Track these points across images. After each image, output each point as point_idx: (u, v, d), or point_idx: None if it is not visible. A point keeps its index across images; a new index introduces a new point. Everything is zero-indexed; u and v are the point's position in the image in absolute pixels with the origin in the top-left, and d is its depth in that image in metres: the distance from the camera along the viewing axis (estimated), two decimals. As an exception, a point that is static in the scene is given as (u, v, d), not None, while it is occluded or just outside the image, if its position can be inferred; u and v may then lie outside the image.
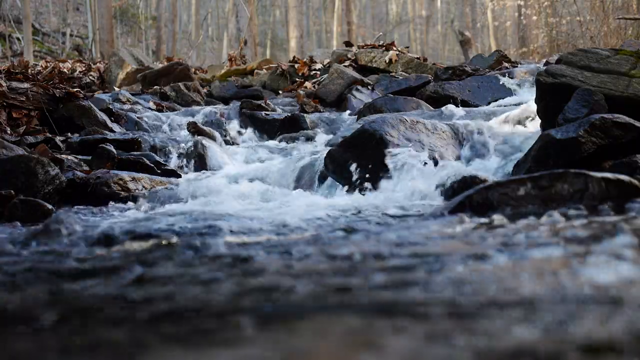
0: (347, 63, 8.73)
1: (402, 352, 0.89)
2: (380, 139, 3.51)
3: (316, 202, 3.19)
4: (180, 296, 1.31)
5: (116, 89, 8.61)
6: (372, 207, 2.76)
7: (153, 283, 1.45)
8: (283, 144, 5.28)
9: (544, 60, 8.78)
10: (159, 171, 4.03)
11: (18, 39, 19.16)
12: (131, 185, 3.50)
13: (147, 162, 4.04)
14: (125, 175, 3.55)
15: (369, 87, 7.44)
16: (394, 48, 9.06)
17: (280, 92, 8.26)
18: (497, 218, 2.09)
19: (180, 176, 4.16)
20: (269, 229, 2.24)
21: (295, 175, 4.00)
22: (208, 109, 6.64)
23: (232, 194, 3.46)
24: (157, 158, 4.34)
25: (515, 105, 5.10)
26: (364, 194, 3.33)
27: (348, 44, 10.38)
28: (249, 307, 1.19)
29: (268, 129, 5.83)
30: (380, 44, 9.36)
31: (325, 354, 0.91)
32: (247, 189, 3.75)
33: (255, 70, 9.27)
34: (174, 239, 2.04)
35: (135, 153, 4.32)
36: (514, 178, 2.38)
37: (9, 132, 4.93)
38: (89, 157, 4.19)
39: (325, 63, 8.92)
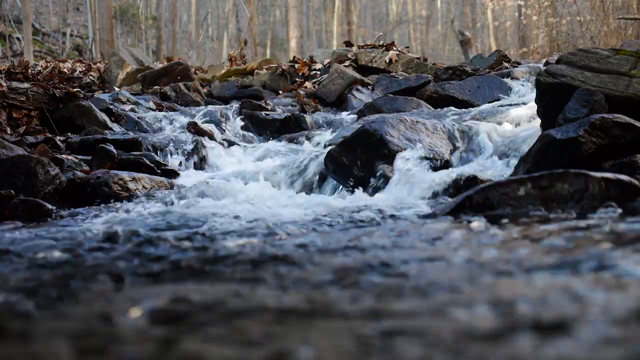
0: (347, 63, 8.73)
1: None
2: (380, 139, 3.51)
3: (316, 202, 3.19)
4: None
5: (116, 89, 8.61)
6: (372, 207, 2.76)
7: (158, 282, 1.45)
8: (283, 144, 5.28)
9: (544, 60, 8.77)
10: (159, 171, 4.03)
11: (18, 39, 19.15)
12: (131, 185, 3.50)
13: (147, 162, 4.04)
14: (126, 175, 3.55)
15: (369, 87, 7.43)
16: (394, 48, 9.06)
17: (280, 92, 8.26)
18: (497, 218, 2.09)
19: (180, 176, 4.16)
20: (265, 228, 2.24)
21: (295, 175, 4.00)
22: (208, 109, 6.64)
23: (231, 193, 3.46)
24: (157, 158, 4.34)
25: (515, 105, 5.09)
26: (364, 194, 3.33)
27: (348, 44, 10.38)
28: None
29: (268, 129, 5.83)
30: (380, 44, 9.35)
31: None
32: (247, 188, 3.75)
33: (256, 70, 9.27)
34: (175, 238, 2.04)
35: (135, 153, 4.32)
36: (514, 178, 2.38)
37: (9, 132, 4.93)
38: (89, 157, 4.19)
39: (325, 63, 8.91)
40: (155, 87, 8.04)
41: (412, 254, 1.63)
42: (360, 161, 3.50)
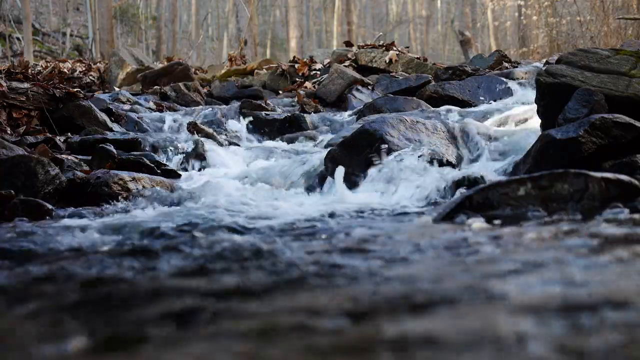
0: (347, 63, 8.73)
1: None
2: (380, 139, 3.51)
3: (315, 202, 3.19)
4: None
5: (116, 89, 8.61)
6: (371, 208, 2.76)
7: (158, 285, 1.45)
8: (283, 144, 5.28)
9: (544, 60, 8.78)
10: (159, 171, 4.03)
11: (18, 39, 19.15)
12: (131, 185, 3.49)
13: (147, 162, 4.04)
14: (126, 175, 3.55)
15: (369, 87, 7.44)
16: (394, 48, 9.06)
17: (280, 92, 8.26)
18: (497, 218, 2.09)
19: (180, 176, 4.16)
20: (263, 228, 2.24)
21: (295, 175, 4.00)
22: (208, 109, 6.64)
23: (231, 194, 3.46)
24: (157, 158, 4.34)
25: (515, 105, 5.10)
26: (363, 195, 3.33)
27: (348, 44, 10.38)
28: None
29: (268, 129, 5.83)
30: (380, 44, 9.36)
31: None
32: (247, 189, 3.75)
33: (256, 70, 9.27)
34: (175, 238, 2.04)
35: (135, 153, 4.32)
36: (514, 178, 2.38)
37: (9, 132, 4.93)
38: (89, 157, 4.19)
39: (325, 63, 8.92)
40: (155, 87, 8.04)
41: (413, 256, 1.63)
42: (360, 161, 3.50)
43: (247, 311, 1.14)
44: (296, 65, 8.83)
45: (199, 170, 4.57)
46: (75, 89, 5.89)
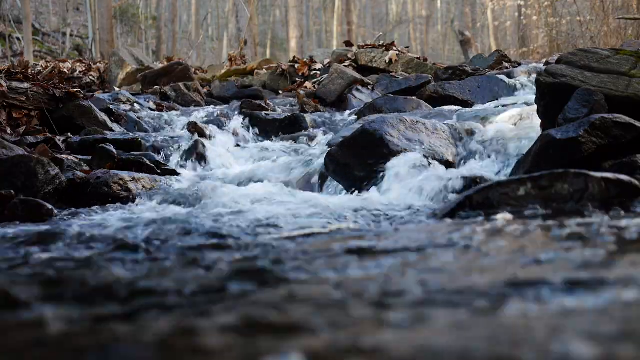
0: (347, 63, 8.73)
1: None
2: (380, 139, 3.51)
3: (315, 202, 3.19)
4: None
5: (116, 89, 8.61)
6: (371, 208, 2.76)
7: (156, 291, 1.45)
8: (283, 144, 5.28)
9: (544, 60, 8.78)
10: (159, 171, 4.03)
11: (18, 39, 19.15)
12: (131, 185, 3.49)
13: (147, 162, 4.04)
14: (126, 175, 3.55)
15: (369, 87, 7.43)
16: (394, 48, 9.06)
17: (280, 92, 8.26)
18: (497, 218, 2.09)
19: (180, 176, 4.16)
20: (262, 229, 2.24)
21: (295, 175, 4.00)
22: (208, 109, 6.64)
23: (231, 194, 3.46)
24: (157, 158, 4.34)
25: (515, 105, 5.09)
26: (364, 195, 3.33)
27: (348, 44, 10.38)
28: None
29: (268, 129, 5.83)
30: (380, 44, 9.35)
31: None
32: (246, 189, 3.75)
33: (256, 70, 9.27)
34: (177, 239, 2.04)
35: (135, 153, 4.32)
36: (514, 178, 2.38)
37: (9, 132, 4.93)
38: (89, 157, 4.19)
39: (325, 63, 8.91)
40: (155, 87, 8.03)
41: (413, 256, 1.63)
42: (360, 161, 3.50)
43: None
44: (296, 65, 8.83)
45: (199, 170, 4.58)
46: (75, 89, 5.89)
